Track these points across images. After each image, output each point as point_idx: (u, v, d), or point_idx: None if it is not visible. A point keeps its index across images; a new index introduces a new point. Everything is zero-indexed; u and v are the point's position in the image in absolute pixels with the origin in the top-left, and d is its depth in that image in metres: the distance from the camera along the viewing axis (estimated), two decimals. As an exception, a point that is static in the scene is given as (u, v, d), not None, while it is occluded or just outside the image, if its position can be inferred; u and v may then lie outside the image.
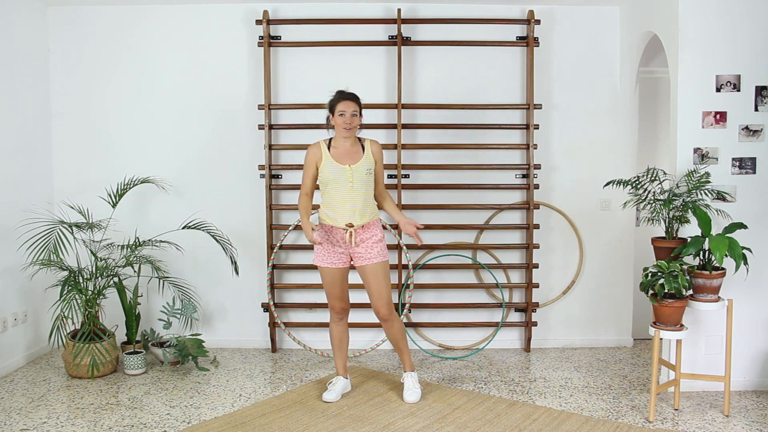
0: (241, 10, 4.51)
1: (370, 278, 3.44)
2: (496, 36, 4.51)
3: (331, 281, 3.49)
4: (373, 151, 3.49)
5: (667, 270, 3.25)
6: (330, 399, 3.52)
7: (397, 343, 3.58)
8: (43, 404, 3.56)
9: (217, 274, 4.59)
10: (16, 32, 4.23)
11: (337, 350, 3.63)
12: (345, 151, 3.45)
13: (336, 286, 3.50)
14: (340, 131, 3.43)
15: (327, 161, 3.42)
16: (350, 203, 3.39)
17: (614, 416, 3.37)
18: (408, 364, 3.62)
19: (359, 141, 3.51)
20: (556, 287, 4.68)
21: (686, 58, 3.65)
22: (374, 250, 3.43)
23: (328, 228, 3.44)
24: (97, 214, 4.34)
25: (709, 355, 3.70)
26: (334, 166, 3.40)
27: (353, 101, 3.42)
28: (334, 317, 3.58)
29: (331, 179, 3.40)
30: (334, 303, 3.54)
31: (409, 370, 3.61)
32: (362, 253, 3.43)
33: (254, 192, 4.59)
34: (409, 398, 3.52)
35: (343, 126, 3.40)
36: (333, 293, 3.51)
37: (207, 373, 4.09)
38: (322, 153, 3.44)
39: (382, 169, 3.56)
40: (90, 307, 4.02)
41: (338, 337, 3.61)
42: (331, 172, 3.40)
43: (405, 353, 3.60)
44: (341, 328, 3.61)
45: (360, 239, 3.42)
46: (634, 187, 3.64)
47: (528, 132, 4.46)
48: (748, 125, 3.68)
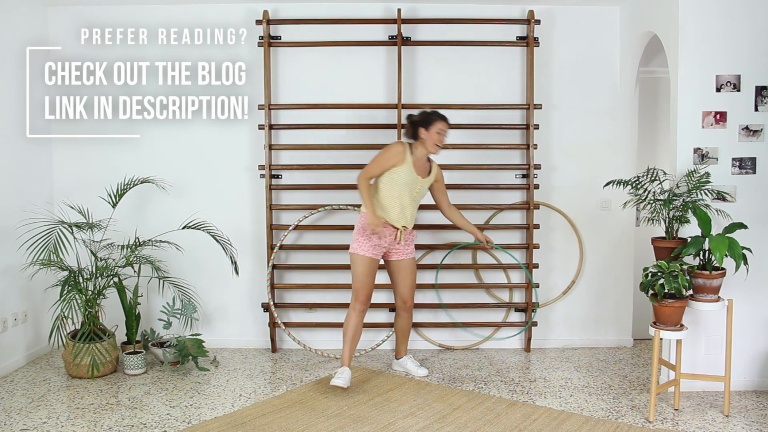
0: (241, 10, 4.51)
1: (406, 271, 3.86)
2: (496, 36, 4.51)
3: (369, 271, 3.73)
4: (436, 173, 3.88)
5: (667, 270, 3.25)
6: (341, 383, 3.57)
7: (404, 331, 3.99)
8: (43, 404, 3.56)
9: (217, 274, 4.59)
10: (16, 32, 4.23)
11: (350, 342, 3.74)
12: (421, 164, 3.79)
13: (371, 276, 3.75)
14: (430, 147, 3.74)
15: (408, 166, 3.70)
16: (409, 209, 3.76)
17: (614, 416, 3.37)
18: (404, 350, 4.02)
19: (429, 160, 3.85)
20: (557, 287, 4.68)
21: (686, 58, 3.66)
22: (410, 248, 3.88)
23: (383, 223, 3.71)
24: (97, 214, 4.34)
25: (709, 355, 3.70)
26: (410, 173, 3.70)
27: (448, 124, 3.79)
28: (358, 307, 3.74)
29: (402, 183, 3.67)
30: (364, 290, 3.74)
31: (405, 354, 4.02)
32: (401, 249, 3.83)
33: (254, 192, 4.59)
34: (421, 372, 3.94)
35: (437, 143, 3.73)
36: (367, 282, 3.74)
37: (207, 373, 4.09)
38: (406, 157, 3.68)
39: (444, 186, 3.97)
40: (90, 307, 4.02)
41: (354, 329, 3.75)
42: (406, 177, 3.69)
43: (406, 340, 4.03)
44: (359, 320, 3.77)
45: (404, 238, 3.81)
46: (634, 187, 3.64)
47: (528, 132, 4.46)
48: (748, 125, 3.68)
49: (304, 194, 4.58)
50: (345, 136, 4.53)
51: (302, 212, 4.52)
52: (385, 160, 3.68)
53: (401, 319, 3.96)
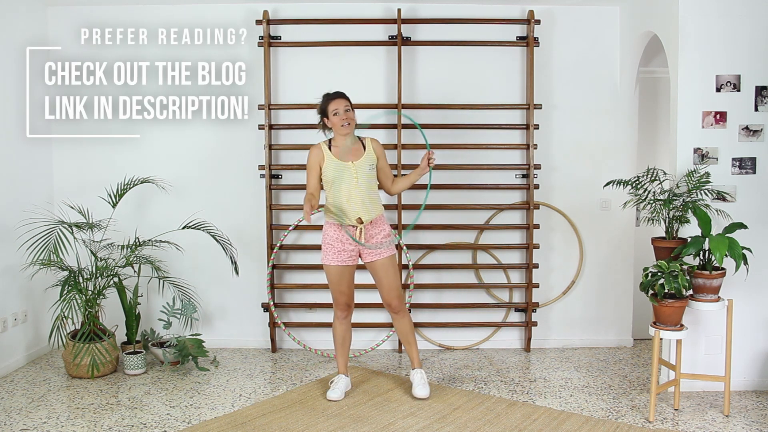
0: (241, 10, 4.51)
1: (381, 273, 3.52)
2: (496, 36, 4.51)
3: (338, 279, 3.52)
4: (374, 148, 3.55)
5: (667, 270, 3.25)
6: (335, 397, 3.54)
7: (406, 336, 3.66)
8: (43, 404, 3.56)
9: (217, 274, 4.59)
10: (16, 32, 4.23)
11: (340, 348, 3.65)
12: (346, 149, 3.50)
13: (342, 283, 3.54)
14: (338, 130, 3.48)
15: (329, 160, 3.47)
16: (357, 198, 3.44)
17: (614, 416, 3.37)
18: (416, 361, 3.67)
19: (359, 140, 3.55)
20: (556, 287, 4.68)
21: (686, 58, 3.65)
22: (383, 245, 3.50)
23: (336, 227, 3.49)
24: (97, 214, 4.34)
25: (709, 355, 3.70)
26: (336, 164, 3.45)
27: (342, 98, 3.50)
28: (339, 314, 3.61)
29: (335, 177, 3.45)
30: (339, 297, 3.56)
31: (418, 366, 3.66)
32: (372, 250, 3.49)
33: (254, 192, 4.59)
34: (420, 392, 3.56)
35: (340, 123, 3.45)
36: (339, 289, 3.54)
37: (207, 373, 4.09)
38: (323, 153, 3.49)
39: (387, 163, 3.61)
40: (90, 307, 4.02)
41: (341, 336, 3.64)
42: (335, 169, 3.45)
43: (414, 349, 3.66)
44: (345, 326, 3.63)
45: (369, 235, 3.49)
46: (634, 187, 3.64)
47: (528, 132, 4.46)
48: (748, 125, 3.68)
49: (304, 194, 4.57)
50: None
51: (302, 212, 4.51)
52: (310, 166, 3.51)
53: (395, 323, 3.68)
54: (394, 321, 3.69)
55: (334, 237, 3.49)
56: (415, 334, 4.56)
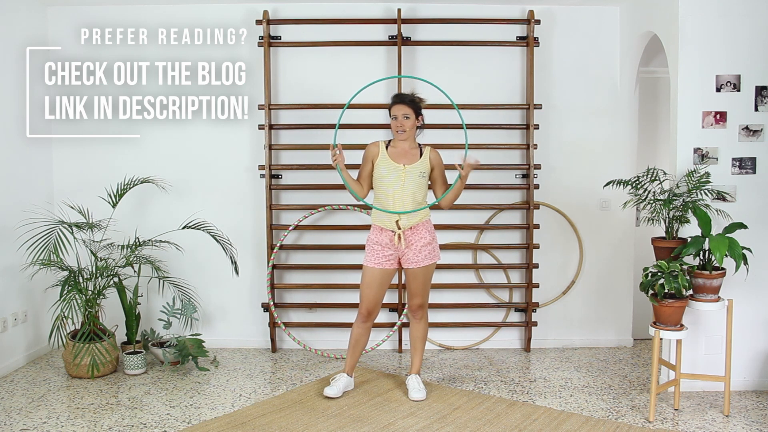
0: (241, 10, 4.51)
1: (411, 278, 3.57)
2: (496, 36, 4.51)
3: (370, 282, 3.54)
4: (431, 157, 3.59)
5: (667, 270, 3.25)
6: (332, 394, 3.54)
7: (416, 342, 3.69)
8: (43, 404, 3.56)
9: (217, 274, 4.59)
10: (16, 32, 4.23)
11: (352, 350, 3.66)
12: (402, 152, 3.57)
13: (372, 288, 3.54)
14: (394, 134, 3.57)
15: (383, 158, 3.55)
16: (400, 202, 3.48)
17: (614, 416, 3.37)
18: (416, 368, 3.70)
19: (419, 146, 3.61)
20: (556, 287, 4.68)
21: (686, 58, 3.66)
22: (422, 254, 3.52)
23: (378, 230, 3.54)
24: (97, 214, 4.34)
25: (709, 355, 3.70)
26: (388, 164, 3.53)
27: (404, 104, 3.52)
28: (359, 319, 3.62)
29: (384, 176, 3.52)
30: (365, 305, 3.57)
31: (415, 373, 3.68)
32: (410, 256, 3.52)
33: (254, 192, 4.59)
34: (416, 396, 3.56)
35: (395, 129, 3.53)
36: (367, 294, 3.56)
37: (207, 373, 4.09)
38: (379, 150, 3.57)
39: (442, 175, 3.63)
40: (90, 307, 4.02)
41: (355, 338, 3.64)
42: (386, 168, 3.52)
43: (419, 356, 3.69)
44: (361, 330, 3.63)
45: (409, 242, 3.51)
46: (634, 187, 3.65)
47: (528, 132, 4.46)
48: (748, 125, 3.68)
49: (304, 194, 4.58)
50: (345, 136, 4.52)
51: (302, 212, 4.52)
52: (364, 160, 3.61)
53: (411, 325, 3.71)
54: (410, 323, 3.72)
55: (375, 239, 3.55)
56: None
